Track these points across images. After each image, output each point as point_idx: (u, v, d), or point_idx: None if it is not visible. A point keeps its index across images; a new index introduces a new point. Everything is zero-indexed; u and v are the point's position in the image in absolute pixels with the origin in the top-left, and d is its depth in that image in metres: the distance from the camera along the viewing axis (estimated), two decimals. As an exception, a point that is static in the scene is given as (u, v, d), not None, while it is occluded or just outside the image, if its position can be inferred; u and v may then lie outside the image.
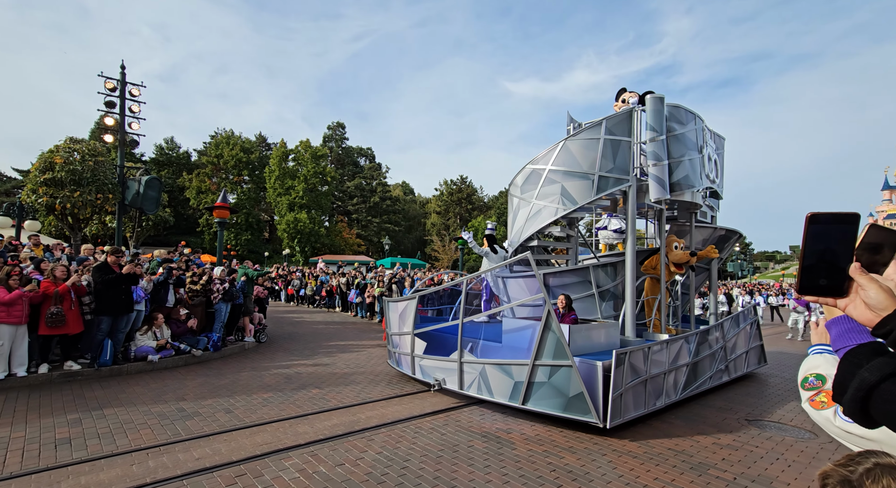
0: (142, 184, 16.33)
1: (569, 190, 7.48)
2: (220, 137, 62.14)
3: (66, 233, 23.86)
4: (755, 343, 9.98)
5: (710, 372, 8.23)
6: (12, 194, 52.24)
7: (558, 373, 5.95)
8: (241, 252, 57.95)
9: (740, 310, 9.75)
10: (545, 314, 5.85)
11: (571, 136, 7.58)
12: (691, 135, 8.09)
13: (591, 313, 7.98)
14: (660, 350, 6.85)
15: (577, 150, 7.54)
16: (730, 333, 8.97)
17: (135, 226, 40.81)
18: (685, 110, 8.06)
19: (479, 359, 6.54)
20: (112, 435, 5.46)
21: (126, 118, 15.73)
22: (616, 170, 7.45)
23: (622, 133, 7.52)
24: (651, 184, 7.47)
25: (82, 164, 17.73)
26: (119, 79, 15.41)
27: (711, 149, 8.75)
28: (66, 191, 17.39)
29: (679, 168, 7.80)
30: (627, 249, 7.54)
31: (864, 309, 1.03)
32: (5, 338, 7.15)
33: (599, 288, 7.90)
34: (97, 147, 19.59)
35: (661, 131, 7.53)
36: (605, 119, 7.50)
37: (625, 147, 7.50)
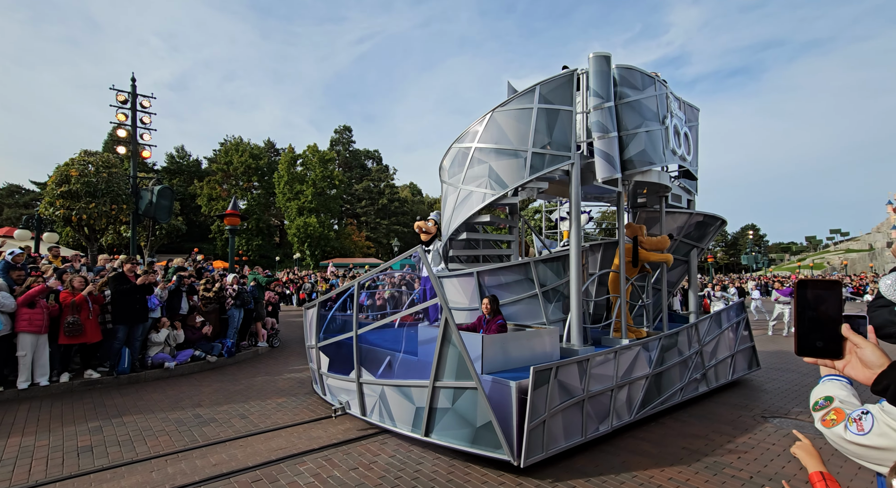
0: (154, 193, 16.38)
1: (497, 171, 6.09)
2: (229, 144, 61.97)
3: (82, 244, 23.90)
4: (744, 345, 8.41)
5: (681, 383, 6.74)
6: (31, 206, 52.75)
7: (463, 397, 4.58)
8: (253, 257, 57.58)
9: (723, 307, 8.20)
10: (442, 322, 4.48)
11: (499, 107, 6.18)
12: (650, 103, 6.62)
13: (536, 317, 6.57)
14: (604, 361, 5.42)
15: (507, 123, 6.14)
16: (709, 335, 7.45)
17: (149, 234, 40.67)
18: (641, 73, 6.59)
19: (377, 379, 5.18)
20: (132, 442, 5.46)
21: (137, 129, 15.87)
22: (554, 145, 6.04)
23: (561, 101, 6.10)
24: (597, 162, 6.04)
25: (97, 176, 18.00)
26: (130, 91, 15.51)
27: (679, 121, 7.25)
28: (82, 202, 17.60)
29: (634, 141, 6.35)
30: (572, 240, 6.12)
31: (861, 368, 1.15)
32: (27, 347, 7.22)
33: (544, 287, 6.48)
34: (110, 159, 19.90)
35: (608, 97, 6.09)
36: (539, 84, 6.08)
37: (565, 118, 6.08)
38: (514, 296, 6.51)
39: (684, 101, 7.63)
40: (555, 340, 5.71)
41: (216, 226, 57.50)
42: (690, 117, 7.75)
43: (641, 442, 5.44)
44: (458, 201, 6.46)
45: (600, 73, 6.08)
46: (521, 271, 6.45)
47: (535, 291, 6.45)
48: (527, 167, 5.96)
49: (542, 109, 6.04)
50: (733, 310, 8.28)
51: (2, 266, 7.94)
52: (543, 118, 6.04)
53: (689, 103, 7.77)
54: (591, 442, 5.24)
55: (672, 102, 7.12)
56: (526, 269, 6.42)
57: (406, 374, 5.27)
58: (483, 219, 6.39)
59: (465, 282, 6.71)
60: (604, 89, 6.06)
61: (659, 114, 6.74)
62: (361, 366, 5.25)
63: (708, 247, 8.65)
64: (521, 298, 6.51)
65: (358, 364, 5.20)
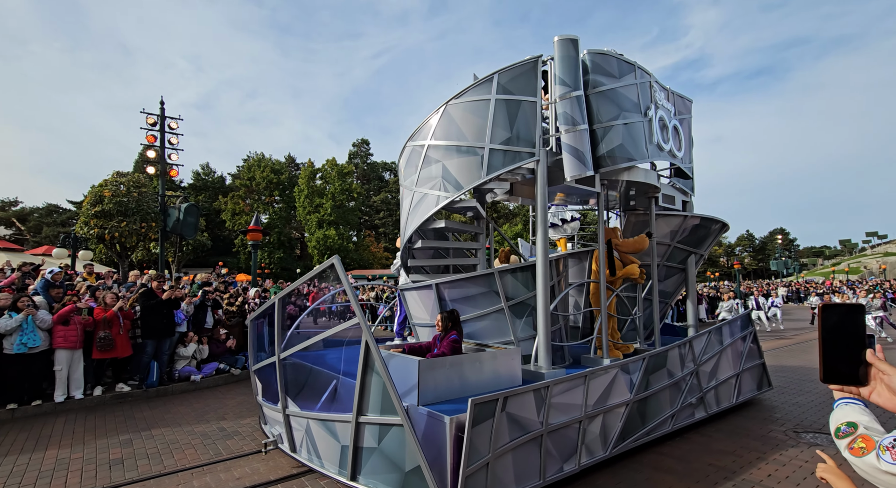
0: (181, 211, 16.89)
1: (451, 171, 5.35)
2: (251, 160, 62.98)
3: (114, 260, 25.08)
4: (752, 362, 7.38)
5: (673, 409, 5.81)
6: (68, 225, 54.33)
7: (389, 435, 3.82)
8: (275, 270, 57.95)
9: (727, 319, 7.21)
10: (362, 347, 3.75)
11: (453, 98, 5.46)
12: (629, 93, 5.81)
13: (504, 334, 5.76)
14: (570, 388, 4.58)
15: (461, 117, 5.41)
16: (707, 352, 6.49)
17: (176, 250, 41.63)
18: (618, 59, 5.79)
19: (302, 410, 4.45)
20: (160, 455, 5.55)
21: (166, 149, 16.34)
22: (515, 140, 5.27)
23: (523, 91, 5.34)
24: (565, 158, 5.24)
25: (128, 196, 19.07)
26: (158, 114, 16.00)
27: (666, 113, 6.39)
28: (114, 221, 18.51)
29: (609, 135, 5.54)
30: (538, 248, 5.32)
31: (889, 395, 1.10)
32: (63, 362, 7.48)
33: (510, 300, 5.68)
34: (140, 179, 20.98)
35: (576, 86, 5.31)
36: (497, 72, 5.34)
37: (528, 110, 5.32)
38: (479, 310, 5.72)
39: (674, 92, 6.78)
40: (515, 362, 4.90)
41: (239, 241, 58.18)
42: (681, 109, 6.88)
43: (665, 458, 5.22)
44: (412, 205, 5.75)
45: (567, 59, 5.31)
46: (484, 283, 5.67)
47: (500, 305, 5.65)
48: (484, 166, 5.21)
49: (500, 101, 5.30)
50: (737, 322, 7.28)
51: (42, 284, 8.31)
52: (503, 110, 5.29)
53: (679, 94, 6.91)
54: (614, 458, 5.01)
55: (657, 92, 6.29)
56: (490, 281, 5.63)
57: (342, 404, 4.54)
58: (438, 225, 5.65)
59: (424, 296, 5.96)
60: (571, 77, 5.29)
61: (640, 104, 5.92)
62: (287, 394, 4.55)
63: (705, 255, 7.70)
64: (486, 313, 5.72)
65: (283, 392, 4.49)
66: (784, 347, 13.98)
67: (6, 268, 11.66)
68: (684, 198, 7.38)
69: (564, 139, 5.25)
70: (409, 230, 5.75)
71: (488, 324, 5.78)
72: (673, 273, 7.58)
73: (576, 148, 5.23)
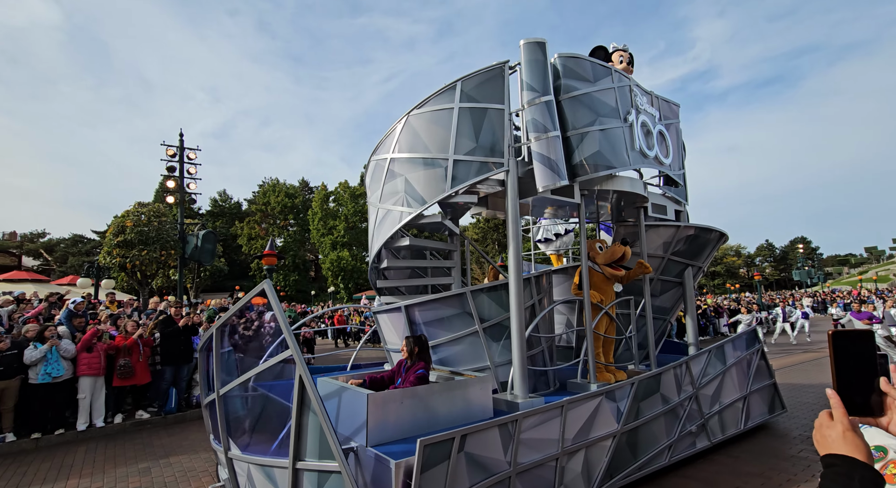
0: (199, 238, 17.19)
1: (414, 184, 4.97)
2: (266, 186, 63.92)
3: (135, 288, 25.72)
4: (761, 382, 6.72)
5: (669, 440, 5.21)
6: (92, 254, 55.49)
7: (329, 483, 3.36)
8: (290, 292, 58.18)
9: (730, 335, 6.59)
10: (296, 382, 3.33)
11: (415, 108, 5.12)
12: (606, 97, 5.41)
13: (480, 359, 5.28)
14: (544, 420, 4.07)
15: (424, 127, 5.05)
16: (708, 373, 5.89)
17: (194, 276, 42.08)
18: (592, 63, 5.42)
19: (242, 453, 4.02)
20: (177, 483, 5.58)
21: (184, 179, 16.85)
22: (481, 150, 4.89)
23: (489, 98, 4.98)
24: (536, 167, 4.83)
25: (148, 225, 19.59)
26: (178, 145, 16.53)
27: (650, 118, 5.96)
28: (135, 250, 19.01)
29: (585, 142, 5.13)
30: (510, 265, 4.88)
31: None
32: (86, 390, 7.61)
33: (485, 322, 5.21)
34: (161, 208, 21.89)
35: (545, 90, 4.92)
36: (461, 80, 5.00)
37: (495, 118, 4.94)
38: (451, 334, 5.26)
39: (658, 96, 6.35)
40: (485, 392, 4.41)
41: (256, 265, 58.66)
42: (667, 114, 6.44)
43: (690, 481, 5.04)
44: (376, 223, 5.38)
45: (534, 63, 4.94)
46: (456, 303, 5.22)
47: (475, 328, 5.18)
48: (448, 178, 4.82)
49: (464, 109, 4.93)
50: (742, 339, 6.66)
51: (65, 314, 8.50)
52: (467, 119, 4.92)
53: (664, 99, 6.48)
54: (635, 482, 4.77)
55: (639, 97, 5.87)
56: (462, 301, 5.18)
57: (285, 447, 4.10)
58: (403, 243, 5.24)
59: (395, 319, 5.53)
60: (539, 81, 4.91)
61: (619, 109, 5.51)
62: (229, 435, 4.12)
63: (705, 267, 7.12)
64: (459, 337, 5.25)
65: (224, 433, 4.07)
66: (812, 361, 13.10)
67: (33, 299, 11.91)
68: (677, 208, 6.88)
69: (534, 147, 4.85)
70: (373, 249, 5.37)
71: (463, 349, 5.31)
72: (669, 287, 7.02)
73: (547, 156, 4.82)
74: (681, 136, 6.86)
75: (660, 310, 7.10)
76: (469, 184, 4.82)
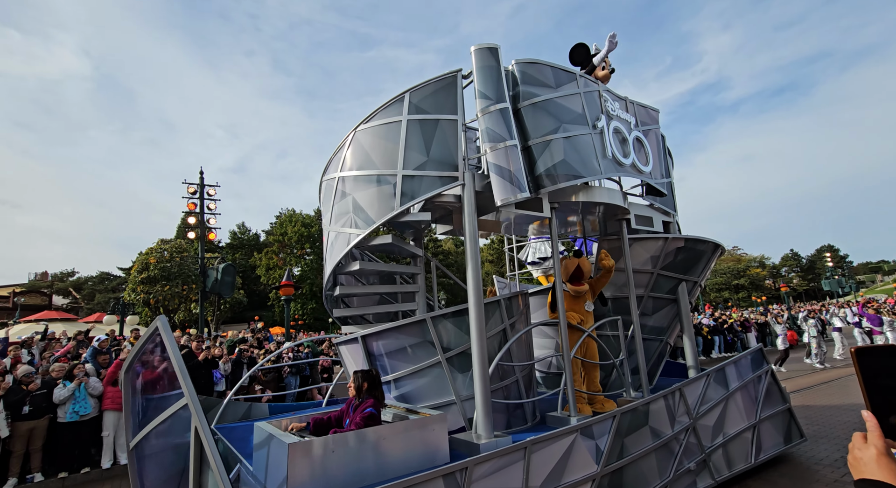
0: (219, 271, 17.57)
1: (361, 203, 4.58)
2: (283, 216, 64.80)
3: None
4: (773, 408, 5.99)
5: (663, 480, 4.55)
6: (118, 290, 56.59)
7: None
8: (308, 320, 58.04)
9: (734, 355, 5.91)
10: (192, 434, 2.88)
11: (362, 123, 4.77)
12: (570, 103, 5.00)
13: (444, 393, 4.75)
14: (504, 466, 3.52)
15: (371, 143, 4.69)
16: (706, 401, 5.24)
17: (215, 309, 42.48)
18: (554, 68, 5.03)
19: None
20: None
21: (205, 214, 17.36)
22: (432, 164, 4.49)
23: (441, 109, 4.61)
24: (492, 179, 4.41)
25: (171, 261, 20.01)
26: (198, 183, 17.08)
27: (623, 124, 5.51)
28: (158, 286, 19.77)
29: (548, 150, 4.70)
30: (470, 289, 4.40)
31: None
32: (110, 427, 7.50)
33: (448, 351, 4.71)
34: (182, 244, 22.17)
35: (500, 98, 4.54)
36: (409, 91, 4.65)
37: (447, 130, 4.56)
38: (412, 365, 4.77)
39: (633, 102, 5.90)
40: (440, 432, 3.88)
41: (274, 294, 58.93)
42: (645, 120, 5.97)
43: None
44: (328, 246, 4.99)
45: (486, 69, 4.57)
46: (417, 331, 4.74)
47: (438, 358, 4.68)
48: (396, 195, 4.42)
49: (414, 121, 4.57)
50: (747, 359, 5.98)
51: (91, 353, 8.55)
52: (417, 132, 4.55)
53: (641, 104, 6.02)
54: None
55: (610, 102, 5.45)
56: (423, 329, 4.70)
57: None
58: (353, 268, 4.82)
59: (353, 351, 5.06)
60: (492, 88, 4.53)
61: (587, 115, 5.08)
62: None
63: (702, 282, 6.51)
64: (421, 369, 4.75)
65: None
66: (851, 376, 12.07)
67: (62, 338, 12.31)
68: (666, 219, 6.34)
69: (490, 158, 4.43)
70: (325, 275, 4.96)
71: (426, 382, 4.80)
72: (663, 305, 6.40)
73: (503, 167, 4.40)
74: (663, 143, 6.38)
75: (654, 330, 6.48)
76: (419, 200, 4.42)
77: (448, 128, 4.56)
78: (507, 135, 4.46)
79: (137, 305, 23.44)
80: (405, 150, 4.49)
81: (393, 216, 4.41)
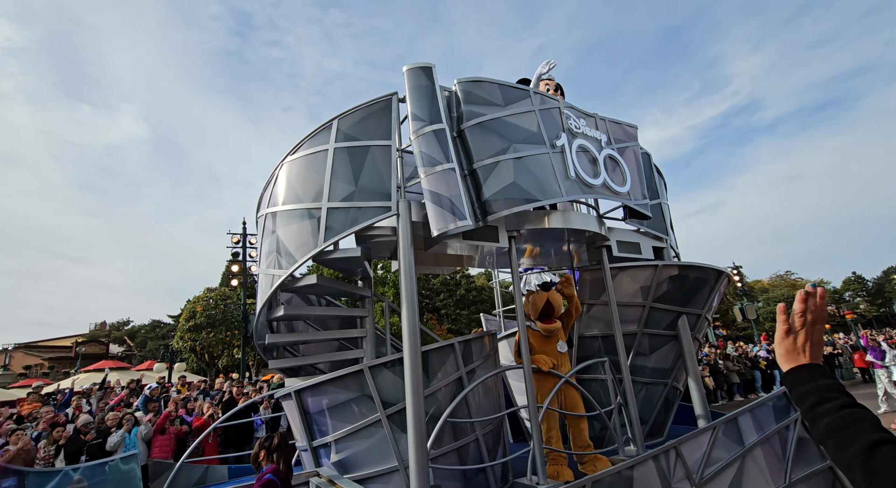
0: None
1: (285, 240, 4.14)
2: (319, 259, 66.27)
3: (203, 368, 27.16)
4: (808, 467, 4.89)
5: (653, 568, 3.63)
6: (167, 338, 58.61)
7: None
8: (345, 362, 57.84)
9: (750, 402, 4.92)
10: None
11: (289, 154, 4.39)
12: (523, 122, 4.48)
13: (388, 458, 4.06)
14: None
15: (297, 175, 4.29)
16: (713, 461, 4.28)
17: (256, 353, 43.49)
18: (502, 86, 4.56)
19: None
20: None
21: (247, 262, 18.00)
22: (361, 194, 4.03)
23: (372, 135, 4.19)
24: (428, 208, 3.89)
25: (215, 308, 21.27)
26: (241, 232, 17.87)
27: (592, 142, 4.91)
28: (204, 333, 20.66)
29: (496, 173, 4.16)
30: (405, 335, 3.81)
31: None
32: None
33: (390, 407, 4.06)
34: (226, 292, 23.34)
35: (434, 119, 4.09)
36: (338, 118, 4.27)
37: (379, 156, 4.12)
38: (350, 425, 4.13)
39: (605, 118, 5.30)
40: (358, 509, 3.21)
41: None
42: (620, 137, 5.33)
43: None
44: (258, 291, 4.54)
45: (418, 90, 4.15)
46: (354, 384, 4.13)
47: (377, 415, 4.04)
48: (321, 231, 3.96)
49: (342, 149, 4.16)
50: (769, 407, 4.96)
51: (142, 400, 8.89)
52: (345, 160, 4.13)
53: (615, 120, 5.41)
54: None
55: (573, 119, 4.88)
56: (360, 381, 4.10)
57: None
58: (277, 314, 4.32)
59: (290, 409, 4.48)
60: (425, 109, 4.09)
61: (544, 134, 4.53)
62: None
63: (708, 314, 5.61)
64: (359, 429, 4.10)
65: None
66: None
67: (116, 386, 12.90)
68: (657, 244, 5.57)
69: (424, 184, 3.94)
70: (258, 322, 4.49)
71: (368, 445, 4.13)
72: (662, 342, 5.51)
73: (439, 193, 3.88)
74: (648, 161, 5.71)
75: (656, 372, 5.58)
76: (346, 234, 3.94)
77: (380, 154, 4.13)
78: (443, 158, 3.97)
79: (185, 352, 24.03)
80: (331, 181, 4.07)
81: (316, 253, 3.94)
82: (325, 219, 3.98)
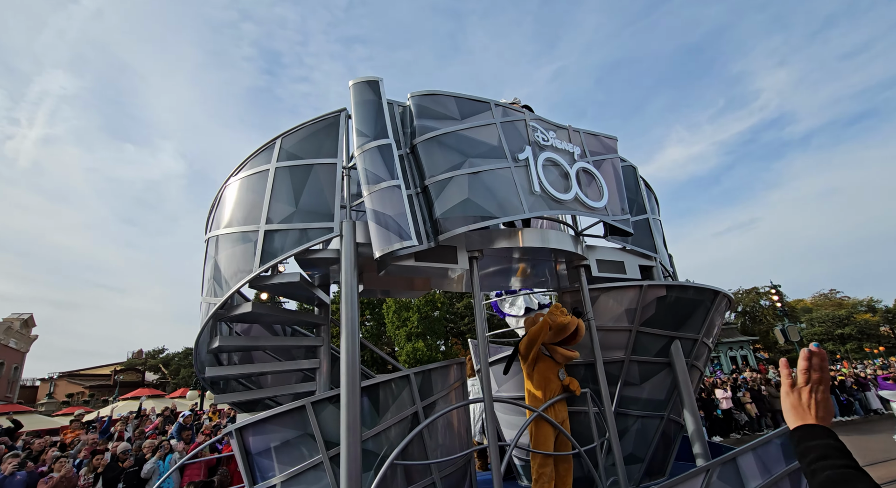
0: None
1: (221, 267, 3.91)
2: (342, 285, 66.69)
3: None
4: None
5: None
6: (198, 364, 59.73)
7: None
8: (369, 387, 57.30)
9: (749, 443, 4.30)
10: None
11: (232, 175, 4.21)
12: (482, 135, 4.20)
13: (333, 501, 3.67)
14: None
15: (236, 197, 4.08)
16: (707, 513, 3.69)
17: None
18: (459, 98, 4.30)
19: None
20: None
21: None
22: (301, 215, 3.78)
23: (317, 153, 3.97)
24: (370, 227, 3.61)
25: None
26: None
27: (562, 155, 4.56)
28: None
29: (448, 189, 3.87)
30: (343, 368, 3.48)
31: None
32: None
33: (333, 447, 3.69)
34: None
35: (379, 134, 3.84)
36: (282, 136, 4.07)
37: (323, 175, 3.89)
38: (292, 467, 3.77)
39: (579, 130, 4.94)
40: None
41: (336, 361, 59.45)
42: (596, 149, 4.95)
43: None
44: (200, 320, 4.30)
45: (363, 105, 3.93)
46: (297, 421, 3.80)
47: (319, 457, 3.67)
48: (257, 254, 3.72)
49: (283, 169, 3.94)
50: (776, 446, 4.34)
51: (176, 428, 9.10)
52: (286, 180, 3.91)
53: (591, 132, 5.04)
54: None
55: (541, 132, 4.56)
56: (302, 418, 3.76)
57: None
58: (213, 345, 4.05)
59: (234, 448, 4.16)
60: (369, 124, 3.85)
61: (505, 147, 4.23)
62: None
63: (709, 340, 5.04)
64: (300, 472, 3.74)
65: None
66: None
67: (151, 414, 13.24)
68: (645, 263, 5.10)
69: (367, 203, 3.67)
70: (196, 354, 4.24)
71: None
72: (654, 371, 4.96)
73: (382, 212, 3.60)
74: (634, 175, 5.30)
75: (650, 404, 5.01)
76: (283, 258, 3.68)
77: (325, 173, 3.90)
78: (388, 175, 3.70)
79: (216, 379, 25.19)
80: (270, 202, 3.84)
81: (251, 279, 3.69)
82: (261, 242, 3.74)
